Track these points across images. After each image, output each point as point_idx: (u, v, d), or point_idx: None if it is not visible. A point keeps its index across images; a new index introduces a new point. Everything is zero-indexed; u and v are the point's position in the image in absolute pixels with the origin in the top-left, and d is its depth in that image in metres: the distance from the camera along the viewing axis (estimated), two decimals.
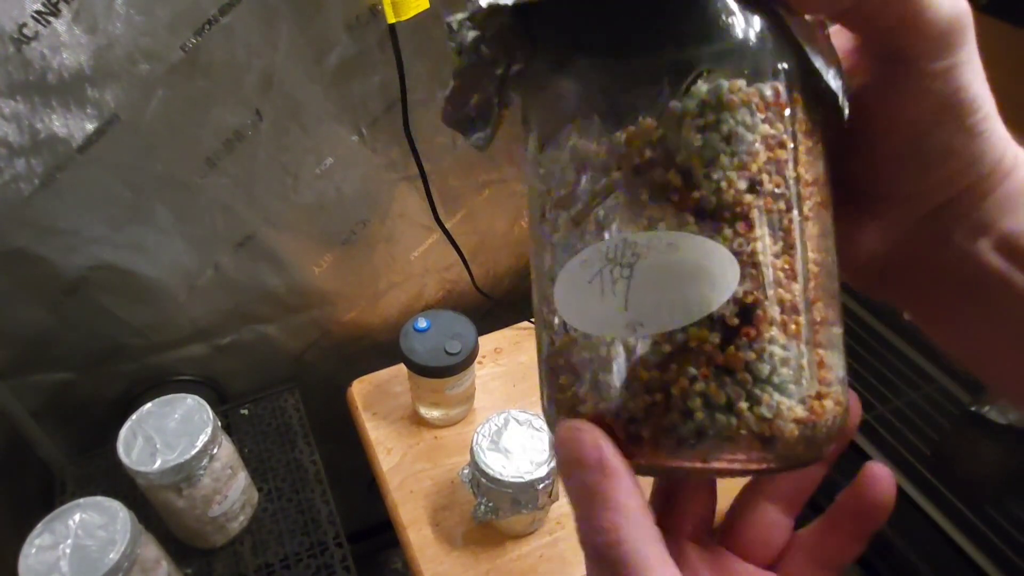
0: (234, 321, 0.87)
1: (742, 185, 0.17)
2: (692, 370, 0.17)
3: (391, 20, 0.66)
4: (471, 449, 0.68)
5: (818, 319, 0.18)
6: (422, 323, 0.79)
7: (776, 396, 0.17)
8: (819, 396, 0.18)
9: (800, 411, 0.17)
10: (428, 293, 1.00)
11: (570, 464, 0.18)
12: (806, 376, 0.17)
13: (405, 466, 0.80)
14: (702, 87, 0.18)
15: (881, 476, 0.22)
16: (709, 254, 0.17)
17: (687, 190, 0.17)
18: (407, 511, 0.75)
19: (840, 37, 0.21)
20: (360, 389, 0.88)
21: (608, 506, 0.17)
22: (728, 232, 0.17)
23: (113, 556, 0.54)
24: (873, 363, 0.85)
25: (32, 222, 0.68)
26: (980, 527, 0.70)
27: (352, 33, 0.70)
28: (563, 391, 0.19)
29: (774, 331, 0.17)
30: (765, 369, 0.17)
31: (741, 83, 0.18)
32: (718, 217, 0.17)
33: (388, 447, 0.82)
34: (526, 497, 0.66)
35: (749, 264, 0.17)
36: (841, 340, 0.19)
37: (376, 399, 0.87)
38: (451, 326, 0.79)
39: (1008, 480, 0.71)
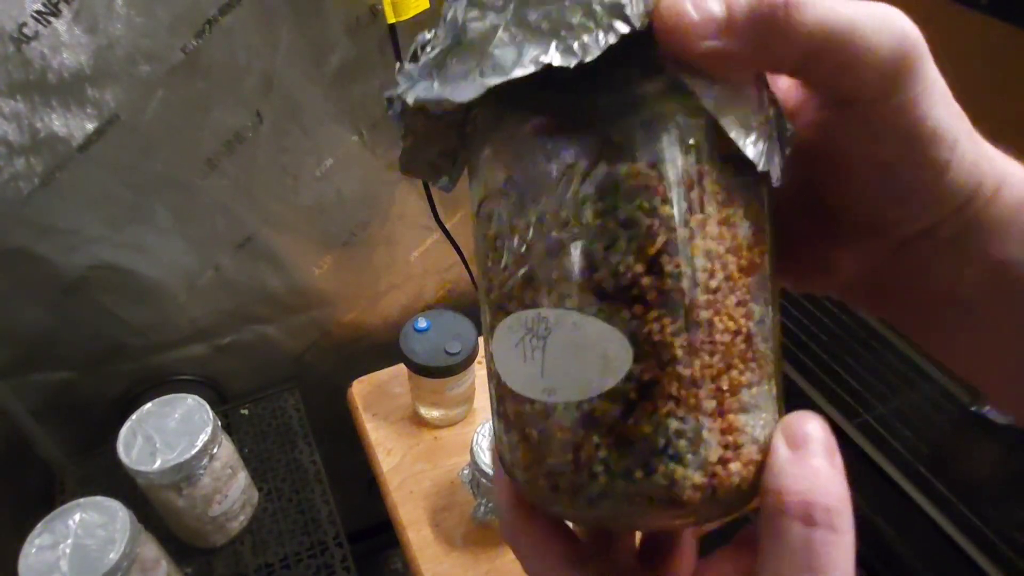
0: (234, 321, 0.87)
1: (639, 268, 0.18)
2: (596, 438, 0.18)
3: (391, 20, 0.66)
4: (471, 449, 0.68)
5: (726, 387, 0.18)
6: (422, 323, 0.79)
7: (671, 465, 0.18)
8: (722, 461, 0.19)
9: (698, 478, 0.18)
10: (428, 293, 1.00)
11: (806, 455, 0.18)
12: (705, 445, 0.18)
13: (405, 466, 0.80)
14: (601, 171, 0.18)
15: None
16: (606, 337, 0.18)
17: (589, 271, 0.18)
18: (407, 511, 0.75)
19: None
20: (360, 389, 0.88)
21: (838, 480, 0.17)
22: (625, 314, 0.18)
23: (113, 556, 0.54)
24: (873, 363, 0.85)
25: (32, 222, 0.68)
26: (980, 527, 0.70)
27: (352, 35, 0.70)
28: (500, 438, 0.21)
29: (671, 405, 0.18)
30: (661, 441, 0.18)
31: (640, 165, 0.18)
32: (617, 299, 0.18)
33: (388, 447, 0.82)
34: None
35: (646, 343, 0.18)
36: (768, 396, 0.20)
37: (376, 399, 0.87)
38: (451, 326, 0.79)
39: (1008, 480, 0.71)
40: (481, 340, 0.80)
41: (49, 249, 0.71)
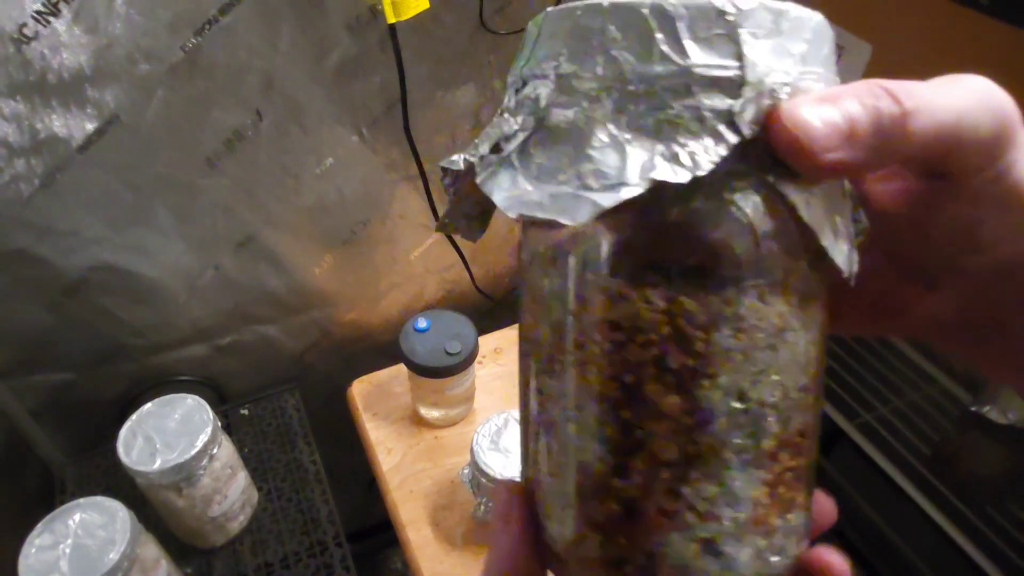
0: (234, 321, 0.87)
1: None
2: None
3: (391, 20, 0.66)
4: (471, 449, 0.68)
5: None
6: (422, 323, 0.79)
7: None
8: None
9: None
10: (428, 293, 1.00)
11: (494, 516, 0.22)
12: None
13: (405, 466, 0.80)
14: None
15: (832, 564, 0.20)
16: None
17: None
18: (407, 511, 0.75)
19: None
20: (360, 389, 0.88)
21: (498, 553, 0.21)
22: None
23: (113, 556, 0.54)
24: (873, 363, 0.85)
25: (32, 223, 0.68)
26: (980, 527, 0.70)
27: (352, 33, 0.70)
28: None
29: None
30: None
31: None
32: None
33: (388, 447, 0.82)
34: None
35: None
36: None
37: (376, 399, 0.87)
38: (451, 326, 0.79)
39: (1008, 480, 0.71)
40: (481, 340, 0.80)
41: (49, 250, 0.71)
